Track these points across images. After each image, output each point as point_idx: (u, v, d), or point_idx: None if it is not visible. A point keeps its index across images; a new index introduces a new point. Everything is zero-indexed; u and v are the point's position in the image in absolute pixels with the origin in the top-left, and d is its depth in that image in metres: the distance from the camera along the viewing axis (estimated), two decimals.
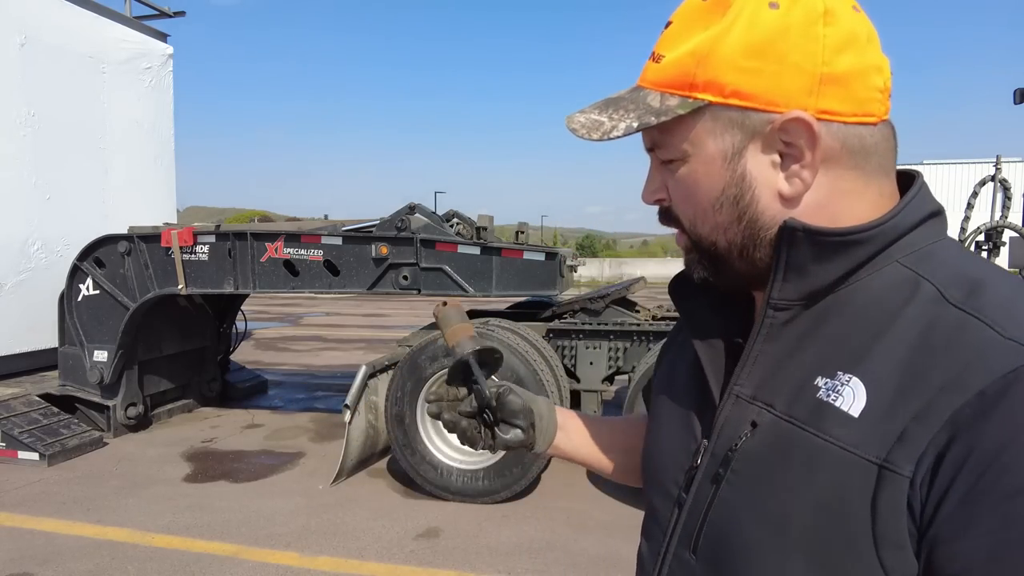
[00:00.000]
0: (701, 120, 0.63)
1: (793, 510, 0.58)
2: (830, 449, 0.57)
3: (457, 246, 4.89)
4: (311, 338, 12.33)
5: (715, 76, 0.61)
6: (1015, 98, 5.63)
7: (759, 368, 0.66)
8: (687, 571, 0.69)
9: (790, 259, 0.63)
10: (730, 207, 0.64)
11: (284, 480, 4.87)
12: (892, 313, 0.59)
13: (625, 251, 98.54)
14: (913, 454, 0.53)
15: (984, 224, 5.52)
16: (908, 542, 0.53)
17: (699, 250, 0.69)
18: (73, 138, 6.33)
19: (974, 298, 0.56)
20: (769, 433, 0.62)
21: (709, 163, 0.64)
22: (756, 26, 0.59)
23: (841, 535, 0.56)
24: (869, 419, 0.56)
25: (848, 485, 0.55)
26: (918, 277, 0.60)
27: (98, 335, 5.72)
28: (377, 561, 3.59)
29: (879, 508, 0.54)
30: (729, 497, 0.64)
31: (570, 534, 3.91)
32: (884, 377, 0.56)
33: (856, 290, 0.62)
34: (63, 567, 3.50)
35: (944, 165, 39.20)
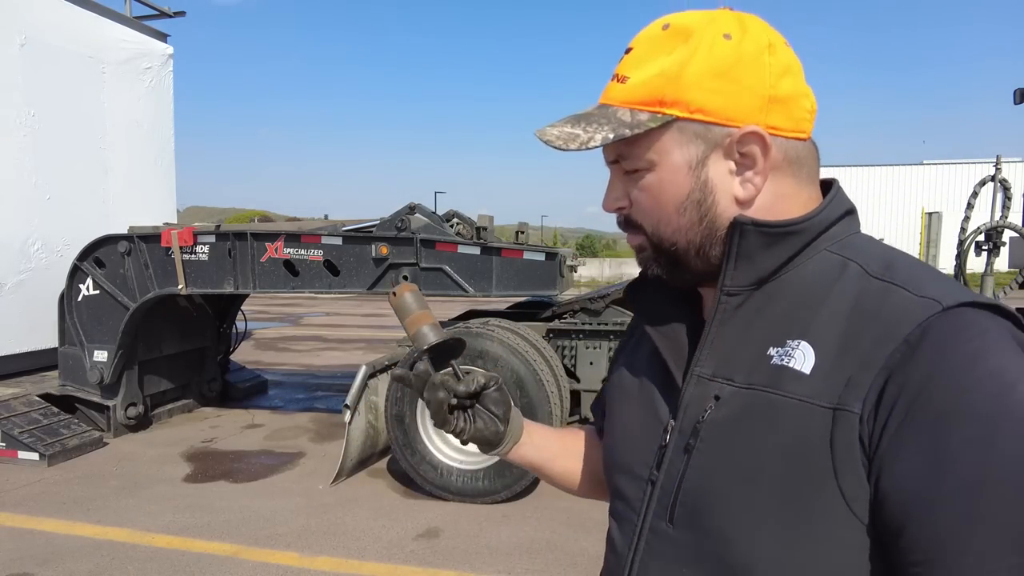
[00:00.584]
0: (668, 133, 0.72)
1: (761, 460, 0.67)
2: (789, 403, 0.66)
3: (457, 246, 4.89)
4: (311, 338, 12.33)
5: (682, 95, 0.70)
6: (1015, 98, 5.63)
7: (715, 349, 0.75)
8: (665, 541, 0.75)
9: (740, 249, 0.73)
10: (693, 210, 0.74)
11: (284, 480, 4.87)
12: (827, 288, 0.70)
13: (625, 251, 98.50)
14: (860, 395, 0.63)
15: (984, 224, 5.52)
16: (862, 470, 0.63)
17: (658, 251, 0.77)
18: (73, 138, 6.33)
19: (890, 271, 0.69)
20: (732, 402, 0.71)
21: (675, 171, 0.73)
22: (715, 54, 0.70)
23: (805, 473, 0.64)
24: (819, 374, 0.66)
25: (808, 429, 0.65)
26: (844, 259, 0.72)
27: (98, 335, 5.72)
28: (377, 561, 3.59)
29: (836, 444, 0.63)
30: (701, 463, 0.72)
31: (570, 534, 3.91)
32: (827, 338, 0.67)
33: (795, 274, 0.73)
34: (63, 567, 3.50)
35: (944, 165, 39.17)
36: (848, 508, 0.63)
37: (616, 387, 0.92)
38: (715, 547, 0.70)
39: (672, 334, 0.81)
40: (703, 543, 0.71)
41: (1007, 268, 20.13)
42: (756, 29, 0.71)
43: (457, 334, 4.46)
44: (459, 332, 4.44)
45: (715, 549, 0.70)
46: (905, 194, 38.74)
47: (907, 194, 38.75)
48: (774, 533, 0.66)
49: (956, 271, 5.65)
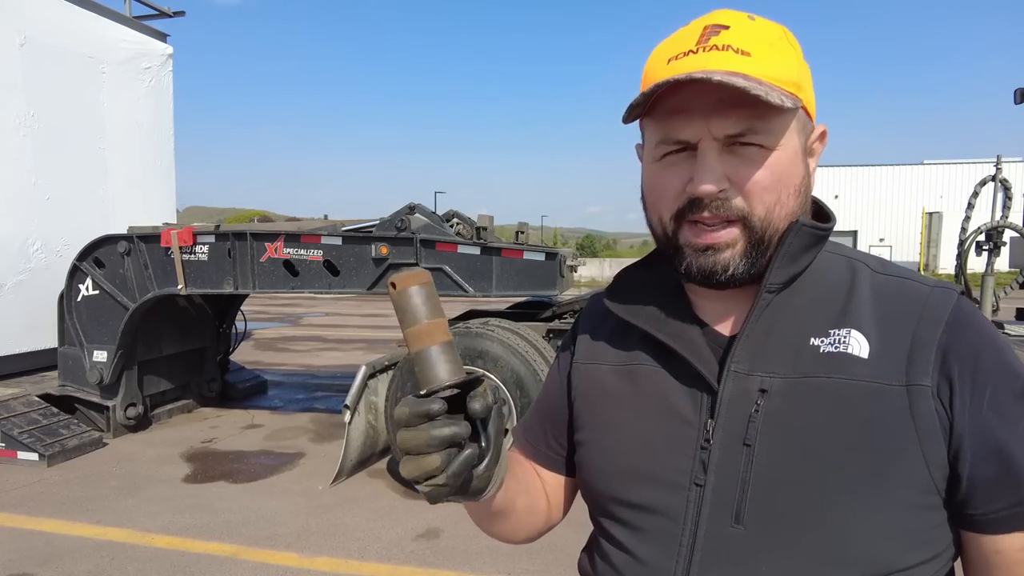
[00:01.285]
0: (794, 118, 0.74)
1: (841, 440, 0.70)
2: (859, 386, 0.71)
3: (457, 246, 4.88)
4: (311, 338, 12.33)
5: (804, 84, 0.75)
6: (1015, 98, 5.63)
7: (748, 345, 0.76)
8: (732, 543, 0.72)
9: (790, 248, 0.75)
10: (804, 194, 0.77)
11: (284, 480, 4.86)
12: (848, 283, 0.78)
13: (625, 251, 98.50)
14: (926, 370, 0.70)
15: (985, 224, 5.51)
16: (941, 438, 0.70)
17: (758, 241, 0.74)
18: (73, 138, 6.33)
19: (887, 269, 0.79)
20: (787, 393, 0.73)
21: (795, 155, 0.75)
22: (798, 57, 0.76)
23: (889, 448, 0.69)
24: (878, 357, 0.72)
25: (884, 406, 0.70)
26: (847, 259, 0.81)
27: (98, 335, 5.72)
28: (377, 562, 3.59)
29: (917, 416, 0.69)
30: (768, 458, 0.72)
31: (570, 534, 3.89)
32: (869, 326, 0.74)
33: (813, 271, 0.78)
34: (63, 568, 3.49)
35: (944, 165, 39.17)
36: (929, 474, 0.70)
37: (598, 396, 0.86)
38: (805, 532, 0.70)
39: (686, 336, 0.80)
40: (784, 534, 0.71)
41: (1007, 268, 20.13)
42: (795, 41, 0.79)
43: (459, 331, 4.47)
44: (460, 331, 4.44)
45: (805, 534, 0.70)
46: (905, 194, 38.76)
47: (907, 194, 38.77)
48: (860, 506, 0.69)
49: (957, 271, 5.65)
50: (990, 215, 5.54)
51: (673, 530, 0.75)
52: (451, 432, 0.65)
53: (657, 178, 0.77)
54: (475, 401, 0.67)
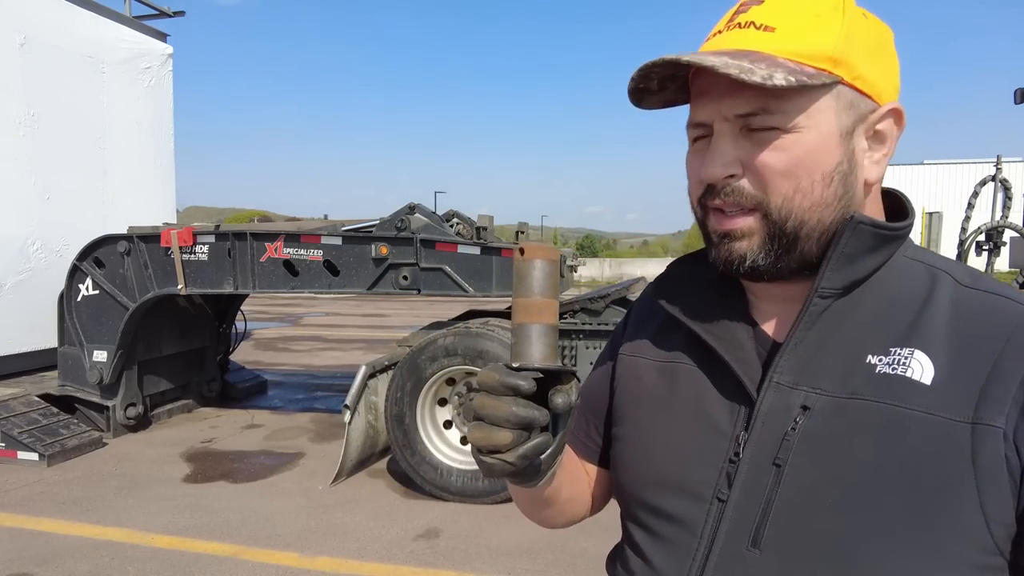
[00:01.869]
0: (826, 95, 0.66)
1: (884, 476, 0.61)
2: (913, 416, 0.62)
3: (457, 246, 4.88)
4: (311, 338, 12.33)
5: (851, 58, 0.66)
6: (1015, 98, 5.63)
7: (796, 355, 0.69)
8: (745, 566, 0.67)
9: (847, 249, 0.67)
10: (840, 183, 0.67)
11: (284, 480, 4.86)
12: (923, 296, 0.67)
13: (625, 251, 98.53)
14: (1001, 409, 0.60)
15: (985, 224, 5.51)
16: (1008, 488, 0.59)
17: (777, 233, 0.68)
18: (73, 138, 6.33)
19: (979, 282, 0.67)
20: (831, 413, 0.65)
21: (828, 137, 0.66)
22: (868, 28, 0.68)
23: (938, 490, 0.60)
24: (944, 385, 0.62)
25: (942, 444, 0.60)
26: (929, 267, 0.69)
27: (97, 335, 5.72)
28: (377, 561, 3.59)
29: (979, 460, 0.59)
30: (800, 480, 0.65)
31: (570, 535, 3.90)
32: (939, 348, 0.63)
33: (880, 278, 0.69)
34: (63, 568, 3.49)
35: (944, 165, 39.19)
36: (988, 531, 0.59)
37: (637, 397, 0.82)
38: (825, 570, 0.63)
39: (733, 337, 0.74)
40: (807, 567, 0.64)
41: (1007, 268, 20.14)
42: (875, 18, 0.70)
43: (459, 331, 4.47)
44: (460, 331, 4.44)
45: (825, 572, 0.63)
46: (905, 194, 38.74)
47: (907, 194, 38.73)
48: (898, 552, 0.60)
49: None
50: (990, 215, 5.54)
51: (690, 543, 0.71)
52: (531, 416, 0.62)
53: (688, 164, 0.75)
54: (559, 395, 0.64)
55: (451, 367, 4.42)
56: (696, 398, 0.75)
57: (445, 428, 4.61)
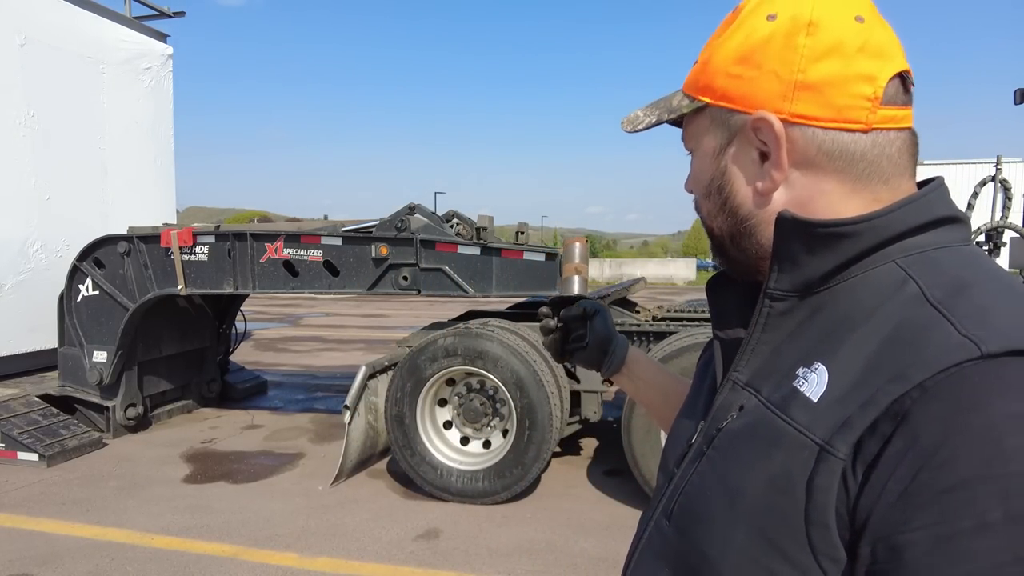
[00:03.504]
0: (702, 119, 0.73)
1: (747, 485, 0.62)
2: (787, 430, 0.60)
3: (457, 246, 4.88)
4: (311, 339, 12.33)
5: (711, 80, 0.70)
6: (1015, 98, 5.63)
7: (757, 356, 0.70)
8: (661, 536, 0.74)
9: (783, 249, 0.66)
10: (716, 196, 0.73)
11: (284, 481, 4.86)
12: (871, 309, 0.61)
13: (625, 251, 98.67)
14: (850, 438, 0.55)
15: (984, 224, 5.51)
16: (834, 524, 0.55)
17: (712, 238, 0.78)
18: (73, 138, 6.33)
19: (952, 298, 0.57)
20: (749, 415, 0.66)
21: (704, 157, 0.73)
22: (749, 36, 0.67)
23: (781, 511, 0.59)
24: (824, 404, 0.59)
25: (795, 464, 0.58)
26: (907, 277, 0.61)
27: (97, 336, 5.72)
28: (377, 562, 3.59)
29: (813, 487, 0.57)
30: (704, 470, 0.70)
31: (570, 535, 3.90)
32: (848, 367, 0.59)
33: (848, 285, 0.65)
34: (63, 568, 3.49)
35: (944, 165, 39.18)
36: (815, 561, 0.56)
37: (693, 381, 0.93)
38: (690, 557, 0.68)
39: (729, 335, 0.78)
40: (685, 548, 0.70)
41: (1007, 268, 20.17)
42: (806, 6, 0.65)
43: (459, 332, 4.48)
44: (460, 331, 4.44)
45: (689, 559, 0.68)
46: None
47: None
48: (740, 566, 0.62)
49: None
50: (990, 215, 5.54)
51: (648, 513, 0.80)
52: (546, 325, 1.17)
53: None
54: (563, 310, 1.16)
55: (451, 368, 4.42)
56: (699, 388, 0.84)
57: (445, 428, 4.61)
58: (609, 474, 4.87)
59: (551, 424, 4.21)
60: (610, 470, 4.93)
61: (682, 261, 40.45)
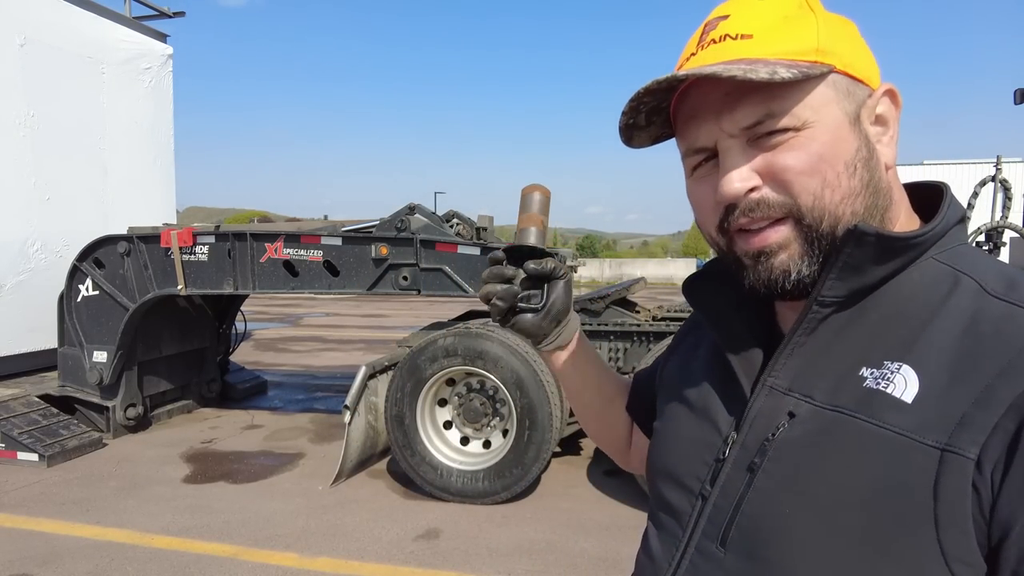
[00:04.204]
0: (822, 86, 0.64)
1: (843, 495, 0.59)
2: (884, 435, 0.58)
3: (457, 246, 4.88)
4: (311, 339, 12.33)
5: (834, 46, 0.64)
6: (1015, 98, 5.63)
7: (795, 360, 0.67)
8: (712, 564, 0.68)
9: (851, 259, 0.63)
10: (863, 169, 0.64)
11: (284, 481, 4.86)
12: (936, 304, 0.61)
13: (625, 251, 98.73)
14: (978, 438, 0.54)
15: (985, 224, 5.52)
16: (971, 526, 0.54)
17: (815, 237, 0.65)
18: (73, 138, 6.33)
19: (1014, 291, 0.59)
20: (811, 422, 0.63)
21: (838, 127, 0.64)
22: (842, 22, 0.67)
23: (898, 519, 0.56)
24: (924, 405, 0.57)
25: (907, 469, 0.56)
26: (956, 272, 0.63)
27: (97, 336, 5.72)
28: (377, 562, 3.59)
29: (941, 491, 0.54)
30: (767, 486, 0.64)
31: (570, 535, 3.90)
32: (934, 364, 0.58)
33: (896, 284, 0.64)
34: (63, 568, 3.49)
35: (944, 165, 39.18)
36: (947, 567, 0.55)
37: (668, 389, 0.86)
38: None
39: (741, 338, 0.73)
40: (759, 573, 0.64)
41: None
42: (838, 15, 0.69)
43: (459, 332, 4.47)
44: (460, 331, 4.44)
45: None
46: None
47: None
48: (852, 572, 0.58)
49: None
50: (990, 215, 5.54)
51: (679, 534, 0.73)
52: (501, 272, 0.87)
53: (693, 195, 0.72)
54: (531, 263, 0.86)
55: (451, 368, 4.42)
56: (705, 395, 0.77)
57: (445, 429, 4.60)
58: (609, 474, 4.87)
59: (551, 424, 4.21)
60: (610, 470, 4.93)
61: (682, 261, 40.43)
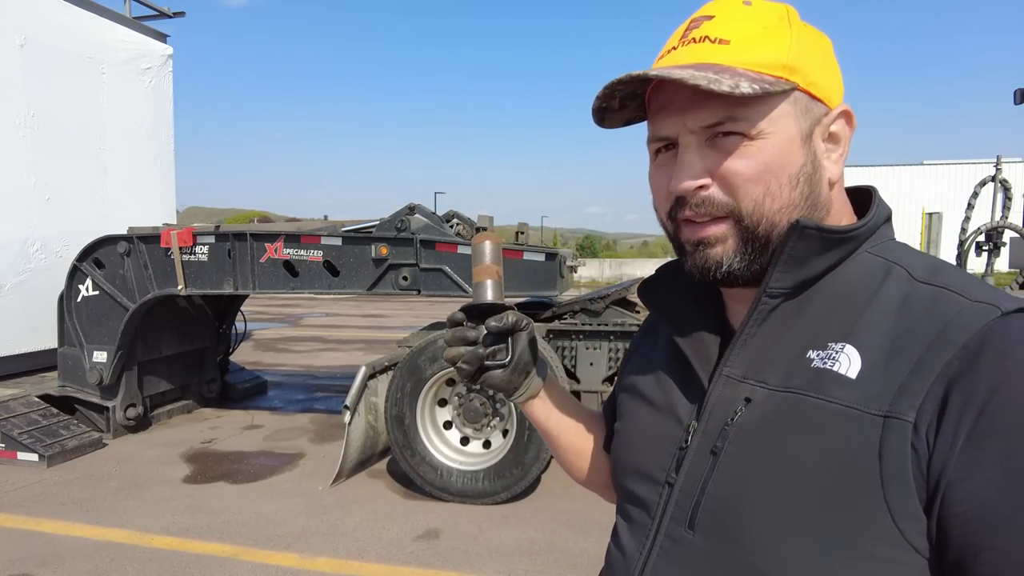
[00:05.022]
0: (784, 101, 0.69)
1: (801, 468, 0.64)
2: (833, 409, 0.63)
3: (457, 247, 4.88)
4: (311, 339, 12.32)
5: (802, 64, 0.69)
6: (1015, 98, 5.63)
7: (748, 350, 0.72)
8: (683, 547, 0.72)
9: (794, 251, 0.69)
10: (805, 184, 0.70)
11: (284, 481, 4.86)
12: (872, 290, 0.68)
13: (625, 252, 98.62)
14: (913, 403, 0.60)
15: (985, 224, 5.52)
16: (912, 484, 0.59)
17: (750, 237, 0.70)
18: (72, 139, 6.33)
19: (937, 276, 0.67)
20: (767, 404, 0.68)
21: (789, 141, 0.69)
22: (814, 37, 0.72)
23: (850, 484, 0.61)
24: (867, 379, 0.63)
25: (855, 438, 0.61)
26: (888, 262, 0.70)
27: (97, 336, 5.72)
28: (376, 562, 3.59)
29: (885, 453, 0.60)
30: (730, 467, 0.69)
31: (570, 535, 3.90)
32: (873, 343, 0.64)
33: (836, 275, 0.71)
34: (62, 568, 3.49)
35: (944, 165, 39.19)
36: (894, 524, 0.60)
37: (629, 389, 0.89)
38: (745, 557, 0.66)
39: (696, 334, 0.78)
40: (730, 552, 0.67)
41: (1007, 268, 20.13)
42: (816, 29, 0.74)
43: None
44: None
45: (745, 559, 0.66)
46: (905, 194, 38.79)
47: (907, 194, 38.82)
48: (812, 546, 0.63)
49: None
50: (990, 215, 5.54)
51: (647, 523, 0.77)
52: (464, 335, 0.88)
53: (652, 179, 0.77)
54: (492, 320, 0.87)
55: (451, 368, 4.41)
56: (666, 389, 0.81)
57: (445, 429, 4.60)
58: None
59: None
60: None
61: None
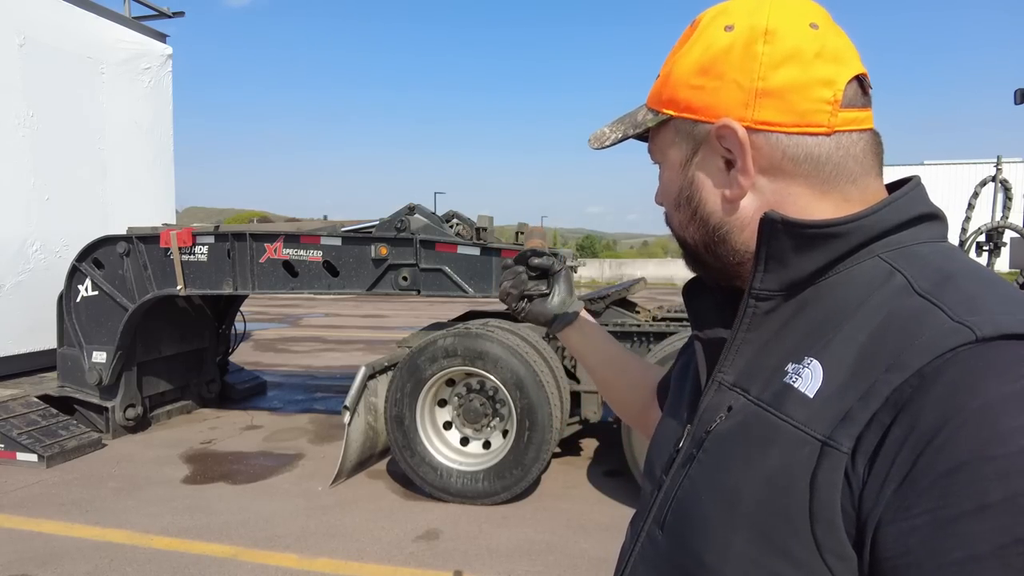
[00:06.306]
0: (667, 131, 0.74)
1: (744, 486, 0.61)
2: (784, 428, 0.60)
3: (457, 247, 4.88)
4: (310, 339, 12.32)
5: (674, 93, 0.71)
6: (1015, 98, 5.62)
7: (742, 356, 0.70)
8: (655, 546, 0.73)
9: (771, 250, 0.66)
10: (685, 207, 0.74)
11: (283, 482, 4.85)
12: (859, 301, 0.62)
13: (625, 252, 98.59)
14: (853, 431, 0.55)
15: (985, 224, 5.51)
16: (840, 520, 0.55)
17: (684, 247, 0.78)
18: (72, 139, 6.33)
19: (939, 287, 0.58)
20: (739, 415, 0.66)
21: (673, 168, 0.74)
22: (708, 47, 0.68)
23: (783, 510, 0.58)
24: (821, 399, 0.58)
25: (795, 461, 0.58)
26: (893, 270, 0.62)
27: (97, 336, 5.71)
28: (376, 563, 3.58)
29: (817, 483, 0.56)
30: (695, 475, 0.69)
31: (570, 536, 3.90)
32: (842, 360, 0.59)
33: (834, 281, 0.65)
34: (62, 568, 3.49)
35: (944, 165, 39.21)
36: (821, 559, 0.56)
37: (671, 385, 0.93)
38: (689, 564, 0.66)
39: (709, 336, 0.77)
40: (680, 557, 0.68)
41: (1008, 269, 20.14)
42: (762, 15, 0.66)
43: (459, 332, 4.47)
44: (459, 332, 4.44)
45: (686, 568, 0.67)
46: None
47: None
48: (740, 570, 0.61)
49: None
50: (990, 215, 5.54)
51: (639, 521, 0.79)
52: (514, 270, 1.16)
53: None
54: (533, 259, 1.14)
55: (451, 368, 4.42)
56: (681, 391, 0.83)
57: (445, 429, 4.60)
58: (609, 474, 4.87)
59: (551, 424, 4.20)
60: (610, 470, 4.93)
61: (682, 261, 40.16)
